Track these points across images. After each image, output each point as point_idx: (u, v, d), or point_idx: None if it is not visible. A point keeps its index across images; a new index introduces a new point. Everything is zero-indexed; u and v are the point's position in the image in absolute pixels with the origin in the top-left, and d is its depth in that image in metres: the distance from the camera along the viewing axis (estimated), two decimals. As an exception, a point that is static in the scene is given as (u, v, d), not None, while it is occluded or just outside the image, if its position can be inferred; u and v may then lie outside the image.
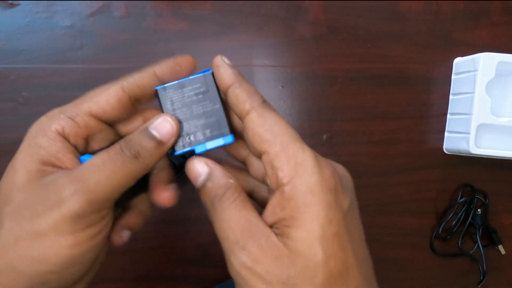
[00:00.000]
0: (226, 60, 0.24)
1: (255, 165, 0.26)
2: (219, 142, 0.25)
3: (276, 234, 0.21)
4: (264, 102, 0.23)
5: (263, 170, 0.24)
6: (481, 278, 0.52)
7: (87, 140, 0.25)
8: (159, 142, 0.23)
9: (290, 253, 0.20)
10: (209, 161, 0.24)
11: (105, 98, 0.24)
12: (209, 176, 0.23)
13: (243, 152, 0.27)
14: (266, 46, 0.49)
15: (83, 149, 0.25)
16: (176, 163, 0.48)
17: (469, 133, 0.46)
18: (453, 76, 0.52)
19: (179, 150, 0.25)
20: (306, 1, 0.50)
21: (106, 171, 0.22)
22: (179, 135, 0.25)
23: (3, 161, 0.47)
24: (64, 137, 0.24)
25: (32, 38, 0.47)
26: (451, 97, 0.52)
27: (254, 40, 0.49)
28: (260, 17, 0.49)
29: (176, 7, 0.48)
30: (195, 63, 0.26)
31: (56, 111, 0.24)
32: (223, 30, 0.49)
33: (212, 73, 0.25)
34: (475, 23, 0.52)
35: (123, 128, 0.26)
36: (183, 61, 0.26)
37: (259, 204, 0.27)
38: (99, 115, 0.24)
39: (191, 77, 0.25)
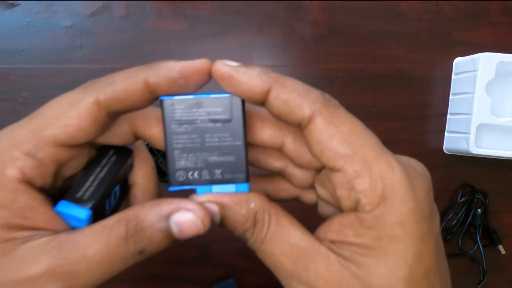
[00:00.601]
0: (232, 63, 0.18)
1: (299, 176, 0.21)
2: (229, 189, 0.19)
3: (336, 254, 0.18)
4: (326, 98, 0.18)
5: (309, 179, 0.21)
6: (481, 278, 0.52)
7: (57, 173, 0.19)
8: (174, 239, 0.19)
9: (361, 286, 0.17)
10: (215, 195, 0.19)
11: (74, 121, 0.18)
12: (224, 212, 0.18)
13: (278, 164, 0.22)
14: (266, 46, 0.49)
15: (54, 184, 0.19)
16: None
17: (469, 133, 0.46)
18: (453, 76, 0.52)
19: (176, 186, 0.19)
20: (306, 1, 0.50)
21: (100, 264, 0.17)
22: (179, 168, 0.19)
23: (3, 161, 0.48)
24: (27, 182, 0.17)
25: (32, 38, 0.47)
26: (451, 97, 0.52)
27: (254, 40, 0.49)
28: (260, 17, 0.49)
29: (176, 7, 0.48)
30: (210, 74, 0.18)
31: (7, 145, 0.18)
32: (223, 30, 0.49)
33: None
34: (475, 23, 0.52)
35: (102, 139, 0.20)
36: (193, 72, 0.18)
37: (306, 203, 0.23)
38: (69, 142, 0.18)
39: (212, 96, 0.19)
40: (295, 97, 0.17)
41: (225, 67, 0.18)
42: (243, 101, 0.19)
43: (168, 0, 0.48)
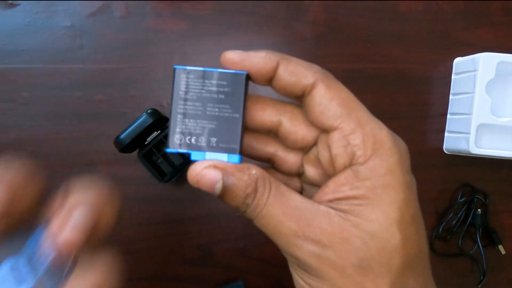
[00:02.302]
0: (238, 52, 0.21)
1: (289, 159, 0.23)
2: (221, 157, 0.21)
3: (336, 210, 0.19)
4: (325, 71, 0.21)
5: (297, 163, 0.23)
6: (481, 278, 0.52)
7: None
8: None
9: (361, 233, 0.19)
10: (215, 162, 0.20)
11: None
12: (226, 178, 0.20)
13: (269, 149, 0.24)
14: (266, 46, 0.49)
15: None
16: (176, 163, 0.48)
17: (469, 133, 0.46)
18: (453, 76, 0.52)
19: (173, 148, 0.21)
20: (306, 1, 0.50)
21: None
22: (179, 131, 0.21)
23: (3, 161, 0.48)
24: None
25: (32, 38, 0.47)
26: (451, 97, 0.52)
27: (254, 40, 0.49)
28: (260, 17, 0.49)
29: (176, 7, 0.48)
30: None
31: None
32: (223, 30, 0.49)
33: (247, 75, 0.21)
34: (475, 23, 0.52)
35: None
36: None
37: None
38: None
39: (220, 70, 0.21)
40: (300, 68, 0.20)
41: (236, 53, 0.20)
42: (247, 78, 0.21)
43: (168, 0, 0.48)
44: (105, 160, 0.48)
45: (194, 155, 0.21)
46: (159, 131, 0.46)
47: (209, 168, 0.20)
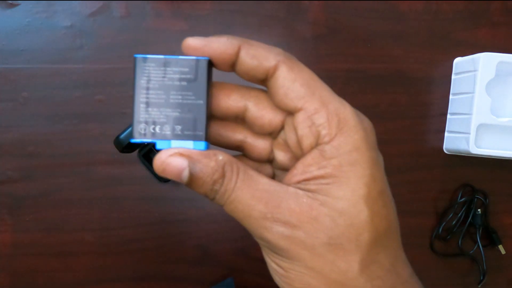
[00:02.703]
0: (199, 38, 0.21)
1: (258, 146, 0.23)
2: (187, 145, 0.20)
3: (304, 190, 0.20)
4: (287, 53, 0.21)
5: (267, 149, 0.23)
6: (481, 278, 0.52)
7: None
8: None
9: (330, 212, 0.19)
10: (180, 149, 0.20)
11: None
12: (193, 165, 0.19)
13: (238, 136, 0.24)
14: (266, 46, 0.49)
15: None
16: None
17: (469, 133, 0.46)
18: (453, 76, 0.52)
19: (138, 138, 0.20)
20: (306, 1, 0.50)
21: None
22: (142, 120, 0.21)
23: (3, 162, 0.48)
24: None
25: (32, 38, 0.47)
26: (451, 97, 0.52)
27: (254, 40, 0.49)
28: (260, 17, 0.49)
29: (176, 7, 0.48)
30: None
31: None
32: (223, 30, 0.49)
33: (209, 61, 0.21)
34: (475, 23, 0.52)
35: None
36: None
37: None
38: None
39: (181, 57, 0.21)
40: (262, 51, 0.20)
41: (197, 39, 0.20)
42: (209, 64, 0.21)
43: (168, 0, 0.48)
44: (105, 160, 0.48)
45: (159, 144, 0.20)
46: (159, 131, 0.46)
47: (175, 156, 0.19)
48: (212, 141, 0.23)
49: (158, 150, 0.20)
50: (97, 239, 0.48)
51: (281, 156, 0.23)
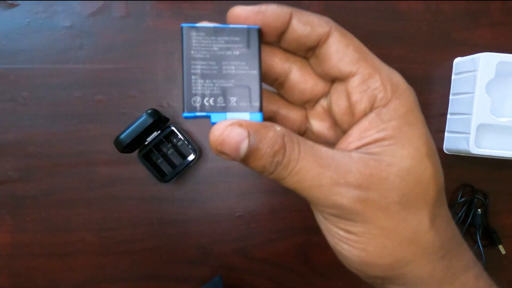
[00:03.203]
0: (248, 7, 0.20)
1: (291, 117, 0.23)
2: (244, 116, 0.19)
3: (369, 155, 0.20)
4: (334, 22, 0.21)
5: (300, 120, 0.23)
6: (481, 278, 0.52)
7: None
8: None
9: (398, 171, 0.19)
10: (239, 120, 0.19)
11: None
12: (252, 137, 0.18)
13: (272, 106, 0.23)
14: (266, 46, 0.49)
15: None
16: (176, 163, 0.48)
17: (469, 133, 0.46)
18: (453, 76, 0.52)
19: (191, 111, 0.19)
20: (306, 1, 0.50)
21: None
22: (195, 93, 0.19)
23: (3, 162, 0.48)
24: None
25: (32, 38, 0.47)
26: (451, 97, 0.52)
27: (254, 40, 0.49)
28: (260, 17, 0.49)
29: (176, 7, 0.48)
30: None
31: None
32: (223, 30, 0.49)
33: (260, 30, 0.20)
34: (475, 23, 0.52)
35: None
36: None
37: None
38: None
39: (232, 26, 0.20)
40: (314, 18, 0.20)
41: (247, 8, 0.19)
42: (259, 32, 0.20)
43: (168, 0, 0.48)
44: (105, 160, 0.48)
45: (214, 117, 0.19)
46: (159, 131, 0.46)
47: (234, 125, 0.18)
48: None
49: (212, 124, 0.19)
50: (97, 239, 0.48)
51: (318, 125, 0.23)
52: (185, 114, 0.19)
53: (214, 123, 0.19)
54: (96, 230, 0.48)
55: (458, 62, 0.51)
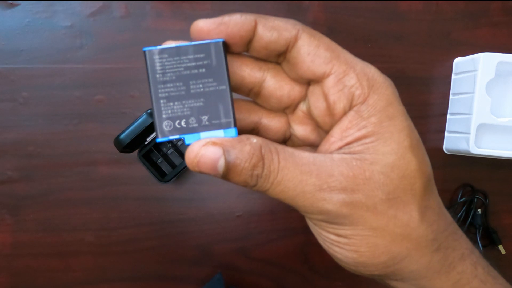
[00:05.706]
0: (210, 19, 0.19)
1: (274, 126, 0.23)
2: (218, 134, 0.19)
3: (351, 155, 0.19)
4: (301, 23, 0.20)
5: (283, 127, 0.23)
6: (481, 278, 0.52)
7: None
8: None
9: (382, 168, 0.19)
10: (212, 138, 0.19)
11: None
12: (228, 154, 0.18)
13: (253, 117, 0.23)
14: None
15: None
16: (176, 163, 0.48)
17: (469, 133, 0.46)
18: (453, 76, 0.52)
19: (164, 136, 0.19)
20: (306, 1, 0.50)
21: None
22: (166, 117, 0.19)
23: (3, 161, 0.48)
24: None
25: (32, 38, 0.47)
26: (451, 97, 0.52)
27: (254, 40, 0.49)
28: (260, 17, 0.49)
29: (176, 7, 0.48)
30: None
31: None
32: (223, 30, 0.49)
33: (224, 42, 0.19)
34: (475, 23, 0.52)
35: None
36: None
37: None
38: None
39: (194, 43, 0.19)
40: (279, 23, 0.19)
41: (208, 21, 0.19)
42: (224, 45, 0.19)
43: (168, 0, 0.48)
44: (105, 160, 0.48)
45: (188, 139, 0.19)
46: (159, 131, 0.46)
47: (208, 145, 0.18)
48: None
49: (187, 145, 0.19)
50: (97, 239, 0.48)
51: (300, 130, 0.23)
52: (159, 140, 0.19)
53: (188, 145, 0.19)
54: (96, 230, 0.48)
55: (458, 62, 0.51)
